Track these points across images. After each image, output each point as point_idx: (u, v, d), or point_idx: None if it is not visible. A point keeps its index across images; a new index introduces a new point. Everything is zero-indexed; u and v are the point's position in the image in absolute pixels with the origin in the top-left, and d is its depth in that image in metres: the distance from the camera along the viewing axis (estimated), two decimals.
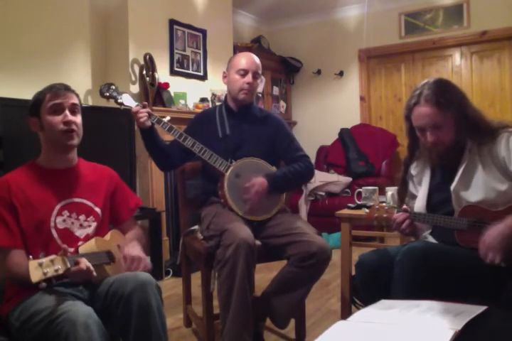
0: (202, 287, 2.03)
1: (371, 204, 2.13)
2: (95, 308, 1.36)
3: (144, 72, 3.40)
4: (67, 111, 1.54)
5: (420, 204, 1.68)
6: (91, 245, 1.50)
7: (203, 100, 3.92)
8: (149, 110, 1.97)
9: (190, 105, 3.82)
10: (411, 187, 1.77)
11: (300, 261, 1.84)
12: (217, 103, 3.91)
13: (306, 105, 5.59)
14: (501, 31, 4.46)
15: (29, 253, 1.42)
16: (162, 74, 3.55)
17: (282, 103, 5.51)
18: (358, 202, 2.30)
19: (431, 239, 1.66)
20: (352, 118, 5.19)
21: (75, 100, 1.57)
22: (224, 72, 2.20)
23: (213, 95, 4.04)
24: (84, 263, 1.33)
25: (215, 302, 1.90)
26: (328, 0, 4.98)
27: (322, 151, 5.08)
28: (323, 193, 4.41)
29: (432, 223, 1.61)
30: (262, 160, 2.09)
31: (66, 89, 1.56)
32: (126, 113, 2.01)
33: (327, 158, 4.97)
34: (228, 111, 2.19)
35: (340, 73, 5.32)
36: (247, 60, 2.12)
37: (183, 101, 3.71)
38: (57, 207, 1.54)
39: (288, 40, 5.57)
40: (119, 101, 1.98)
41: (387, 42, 5.01)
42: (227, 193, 1.98)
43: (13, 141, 2.42)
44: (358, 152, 4.76)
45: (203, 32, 4.07)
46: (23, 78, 2.80)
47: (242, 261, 1.74)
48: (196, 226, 2.18)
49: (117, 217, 1.71)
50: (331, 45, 5.34)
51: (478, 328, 1.03)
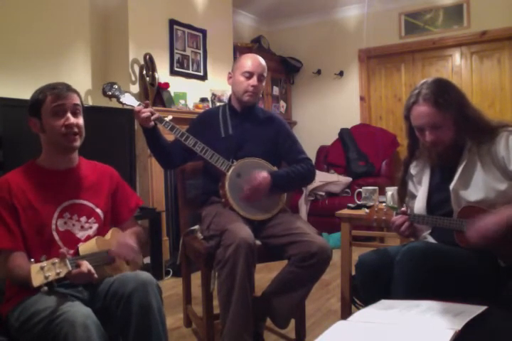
0: (202, 287, 2.03)
1: (371, 204, 2.14)
2: (95, 308, 1.37)
3: (144, 72, 3.40)
4: (69, 114, 1.51)
5: (420, 204, 1.68)
6: (91, 245, 1.49)
7: (203, 100, 3.92)
8: (152, 109, 1.97)
9: (190, 105, 3.82)
10: (411, 187, 1.77)
11: (300, 261, 1.84)
12: (218, 103, 3.92)
13: (306, 105, 5.59)
14: (501, 31, 4.46)
15: (30, 255, 1.42)
16: (162, 74, 3.56)
17: (282, 103, 5.51)
18: (358, 202, 2.30)
19: (430, 240, 1.66)
20: (352, 118, 5.19)
21: (77, 101, 1.54)
22: (229, 73, 2.20)
23: (213, 95, 4.04)
24: (86, 266, 1.33)
25: (215, 302, 1.90)
26: (328, 0, 4.99)
27: (322, 151, 5.08)
28: (323, 193, 4.41)
29: (431, 224, 1.61)
30: (264, 161, 2.09)
31: (68, 89, 1.53)
32: (126, 113, 2.01)
33: (327, 158, 4.97)
34: (232, 111, 2.19)
35: (340, 73, 5.33)
36: (253, 62, 2.12)
37: (183, 101, 3.71)
38: (59, 209, 1.53)
39: (288, 40, 5.58)
40: (121, 100, 1.97)
41: (387, 42, 5.01)
42: (229, 193, 1.98)
43: (13, 141, 2.42)
44: (358, 152, 4.76)
45: (203, 32, 4.07)
46: (23, 78, 2.80)
47: (242, 261, 1.74)
48: (196, 226, 2.18)
49: (118, 217, 1.70)
50: (331, 45, 5.35)
51: (478, 328, 1.03)
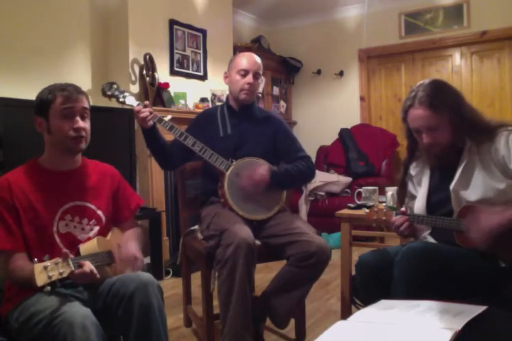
0: (202, 287, 2.03)
1: (371, 204, 2.14)
2: (96, 308, 1.37)
3: (144, 72, 3.40)
4: (78, 117, 1.50)
5: (420, 205, 1.68)
6: (93, 245, 1.49)
7: (203, 100, 3.92)
8: (151, 109, 1.97)
9: (190, 105, 3.82)
10: (410, 188, 1.77)
11: (300, 261, 1.84)
12: (218, 103, 3.92)
13: (306, 105, 5.59)
14: (501, 31, 4.46)
15: (31, 256, 1.42)
16: (162, 74, 3.55)
17: (282, 103, 5.51)
18: (358, 202, 2.29)
19: (431, 240, 1.66)
20: (352, 118, 5.19)
21: (86, 104, 1.53)
22: (225, 73, 2.20)
23: (213, 95, 4.04)
24: (88, 266, 1.33)
25: (215, 302, 1.90)
26: (328, 0, 4.98)
27: (322, 151, 5.08)
28: (323, 193, 4.41)
29: (431, 225, 1.61)
30: (263, 160, 2.09)
31: (78, 91, 1.51)
32: (126, 113, 2.01)
33: (327, 158, 4.97)
34: (230, 110, 2.19)
35: (340, 73, 5.32)
36: (248, 60, 2.12)
37: (183, 101, 3.71)
38: (60, 211, 1.52)
39: (288, 40, 5.57)
40: (120, 100, 1.97)
41: (387, 42, 5.01)
42: (228, 193, 1.98)
43: (13, 141, 2.41)
44: (358, 152, 4.76)
45: (203, 32, 4.07)
46: (24, 78, 2.80)
47: (242, 261, 1.74)
48: (196, 226, 2.18)
49: (118, 217, 1.70)
50: (331, 45, 5.34)
51: (478, 328, 1.03)
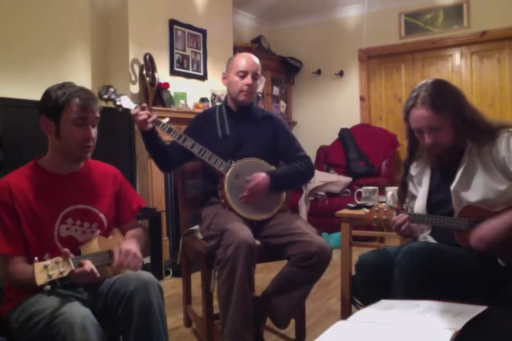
0: (202, 287, 2.03)
1: (371, 204, 2.14)
2: (96, 308, 1.37)
3: (144, 72, 3.40)
4: (90, 127, 1.49)
5: (420, 205, 1.68)
6: (93, 245, 1.49)
7: (203, 100, 3.92)
8: (148, 112, 1.93)
9: (190, 105, 3.82)
10: (411, 188, 1.77)
11: (300, 261, 1.84)
12: (218, 103, 3.92)
13: (306, 105, 5.59)
14: (501, 31, 4.46)
15: (30, 259, 1.40)
16: (162, 74, 3.56)
17: (282, 103, 5.51)
18: (358, 202, 2.29)
19: (431, 240, 1.66)
20: (352, 118, 5.19)
21: (98, 113, 1.52)
22: (223, 74, 2.20)
23: (213, 95, 4.04)
24: (89, 265, 1.32)
25: (215, 303, 1.90)
26: (328, 0, 4.98)
27: (322, 151, 5.08)
28: (323, 193, 4.41)
29: (432, 224, 1.61)
30: (262, 161, 2.09)
31: (93, 100, 1.49)
32: (126, 113, 2.01)
33: (327, 158, 4.97)
34: (228, 111, 2.19)
35: (340, 73, 5.32)
36: (246, 61, 2.11)
37: (183, 101, 3.71)
38: (61, 214, 1.50)
39: (288, 40, 5.57)
40: (117, 103, 1.95)
41: (387, 42, 5.01)
42: (228, 194, 1.98)
43: (13, 141, 2.42)
44: (358, 152, 4.76)
45: (203, 32, 4.07)
46: (24, 78, 2.79)
47: (242, 261, 1.74)
48: (196, 226, 2.18)
49: (119, 218, 1.69)
50: (331, 45, 5.34)
51: (478, 328, 1.03)
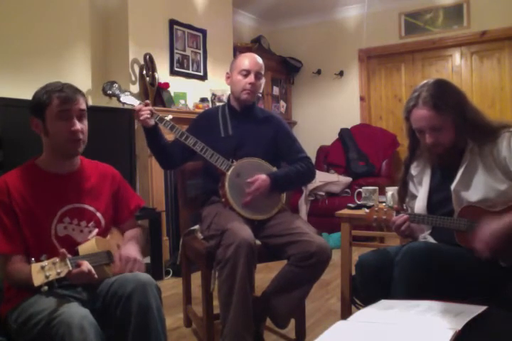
0: (202, 287, 2.03)
1: (371, 204, 2.14)
2: (95, 309, 1.37)
3: (144, 72, 3.40)
4: (75, 119, 1.47)
5: (421, 204, 1.68)
6: (91, 245, 1.48)
7: (203, 100, 3.92)
8: (152, 108, 1.97)
9: (190, 105, 3.82)
10: (411, 187, 1.77)
11: (300, 261, 1.84)
12: (218, 103, 3.92)
13: (306, 105, 5.59)
14: (501, 31, 4.46)
15: (29, 258, 1.40)
16: (162, 74, 3.55)
17: (282, 103, 5.51)
18: (358, 202, 2.29)
19: (431, 240, 1.66)
20: (352, 118, 5.19)
21: (83, 105, 1.50)
22: (227, 73, 2.21)
23: (213, 95, 4.04)
24: (86, 266, 1.32)
25: (215, 302, 1.90)
26: (328, 0, 4.98)
27: (322, 151, 5.08)
28: (323, 193, 4.41)
29: (432, 224, 1.61)
30: (263, 161, 2.09)
31: (75, 92, 1.48)
32: (126, 113, 2.01)
33: (327, 158, 4.97)
34: (231, 111, 2.19)
35: (340, 73, 5.32)
36: (250, 60, 2.12)
37: (183, 101, 3.71)
38: (59, 214, 1.50)
39: (288, 40, 5.57)
40: (121, 99, 1.97)
41: (387, 42, 5.01)
42: (228, 193, 1.98)
43: (13, 141, 2.41)
44: (358, 152, 4.76)
45: (203, 32, 4.07)
46: (23, 78, 2.79)
47: (243, 261, 1.74)
48: (196, 226, 2.18)
49: (118, 218, 1.69)
50: (331, 45, 5.34)
51: (478, 328, 1.03)
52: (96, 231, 1.57)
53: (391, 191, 2.14)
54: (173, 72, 3.77)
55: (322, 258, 1.83)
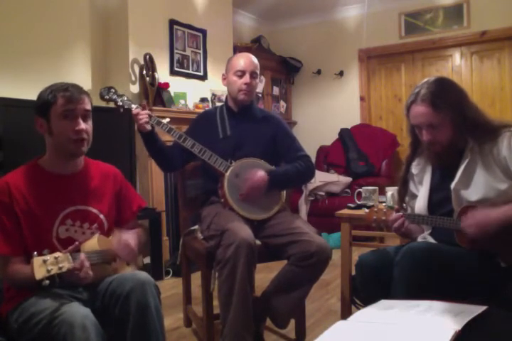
0: (202, 287, 2.03)
1: (371, 204, 2.14)
2: (95, 308, 1.37)
3: (144, 72, 3.40)
4: (80, 119, 1.47)
5: (421, 204, 1.68)
6: (93, 243, 1.48)
7: (203, 100, 3.92)
8: (149, 112, 1.98)
9: (190, 105, 3.82)
10: (411, 187, 1.77)
11: (300, 261, 1.84)
12: (218, 103, 3.92)
13: (306, 105, 5.59)
14: (501, 31, 4.46)
15: (29, 260, 1.40)
16: (162, 74, 3.55)
17: (282, 103, 5.51)
18: (358, 202, 2.29)
19: (431, 240, 1.66)
20: (352, 118, 5.19)
21: (88, 105, 1.50)
22: (223, 74, 2.21)
23: (213, 95, 4.04)
24: (84, 258, 1.32)
25: (215, 302, 1.90)
26: (328, 0, 4.98)
27: (322, 151, 5.08)
28: (323, 193, 4.41)
29: (431, 224, 1.61)
30: (262, 161, 2.09)
31: (80, 92, 1.47)
32: (126, 113, 2.02)
33: (327, 158, 4.97)
34: (229, 111, 2.20)
35: (340, 73, 5.32)
36: (244, 60, 2.12)
37: (183, 101, 3.71)
38: (61, 215, 1.49)
39: (288, 40, 5.57)
40: (119, 103, 2.00)
41: (387, 42, 5.01)
42: (228, 193, 1.98)
43: (13, 141, 2.41)
44: (358, 152, 4.76)
45: (203, 32, 4.07)
46: (23, 78, 2.79)
47: (243, 261, 1.74)
48: (196, 226, 2.18)
49: (120, 219, 1.68)
50: (331, 45, 5.34)
51: (478, 328, 1.03)
52: (99, 233, 1.56)
53: (391, 191, 2.14)
54: (173, 72, 3.77)
55: (322, 258, 1.83)
